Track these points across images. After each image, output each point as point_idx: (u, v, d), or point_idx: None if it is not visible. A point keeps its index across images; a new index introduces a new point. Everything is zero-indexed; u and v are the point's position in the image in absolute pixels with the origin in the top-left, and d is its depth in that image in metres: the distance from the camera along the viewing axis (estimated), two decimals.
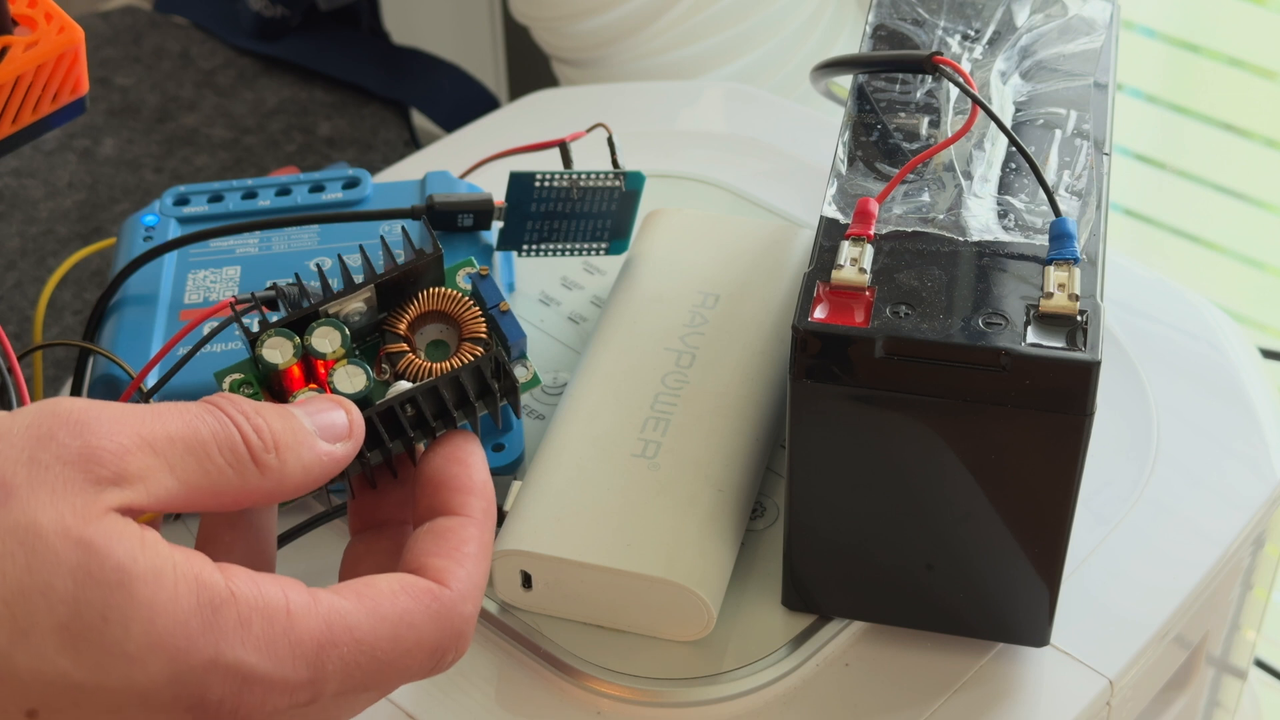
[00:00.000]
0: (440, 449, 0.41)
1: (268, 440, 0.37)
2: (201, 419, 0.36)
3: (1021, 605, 0.49)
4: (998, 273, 0.47)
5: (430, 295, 0.43)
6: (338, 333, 0.41)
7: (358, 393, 0.41)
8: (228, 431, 0.36)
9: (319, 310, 0.42)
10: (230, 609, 0.34)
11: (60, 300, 0.91)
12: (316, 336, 0.41)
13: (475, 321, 0.42)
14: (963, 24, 0.56)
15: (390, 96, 1.08)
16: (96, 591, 0.33)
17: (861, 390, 0.45)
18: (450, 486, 0.40)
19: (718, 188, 0.70)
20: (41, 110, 0.50)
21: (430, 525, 0.40)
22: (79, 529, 0.33)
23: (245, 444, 0.36)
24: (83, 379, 0.56)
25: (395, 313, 0.43)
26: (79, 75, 0.50)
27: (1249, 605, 0.64)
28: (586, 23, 0.92)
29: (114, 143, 1.03)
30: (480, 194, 0.58)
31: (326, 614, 0.35)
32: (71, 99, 0.51)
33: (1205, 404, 0.61)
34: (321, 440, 0.38)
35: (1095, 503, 0.56)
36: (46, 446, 0.33)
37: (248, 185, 0.60)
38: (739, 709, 0.50)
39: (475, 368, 0.42)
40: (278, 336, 0.41)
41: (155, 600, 0.33)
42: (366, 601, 0.36)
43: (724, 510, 0.51)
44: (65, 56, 0.49)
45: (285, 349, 0.41)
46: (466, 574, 0.38)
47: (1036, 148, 0.51)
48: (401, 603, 0.37)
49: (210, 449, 0.36)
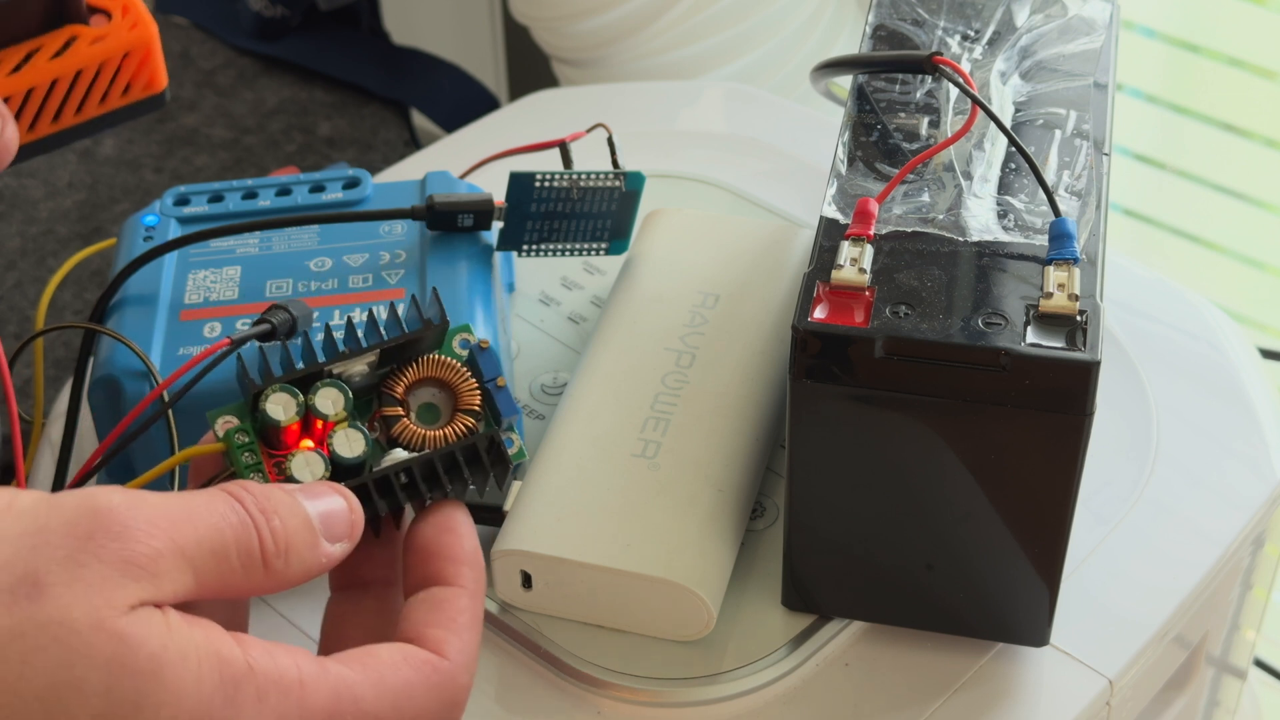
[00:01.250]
0: (431, 518, 0.42)
1: (281, 545, 0.38)
2: (227, 520, 0.37)
3: (1021, 605, 0.49)
4: (997, 273, 0.47)
5: (429, 362, 0.42)
6: (341, 395, 0.41)
7: (356, 457, 0.41)
8: (248, 536, 0.37)
9: (324, 370, 0.41)
10: (249, 684, 0.35)
11: (60, 300, 0.91)
12: (320, 397, 0.41)
13: (471, 394, 0.42)
14: (963, 24, 0.56)
15: (390, 96, 1.08)
16: (130, 681, 0.34)
17: (861, 390, 0.45)
18: (443, 556, 0.41)
19: (718, 188, 0.70)
20: (110, 103, 0.49)
21: (426, 595, 0.41)
22: (112, 622, 0.34)
23: (260, 549, 0.37)
24: (83, 378, 0.56)
25: (394, 376, 0.42)
26: (153, 71, 0.49)
27: (1249, 605, 0.64)
28: (586, 23, 0.92)
29: (114, 143, 1.03)
30: (480, 194, 0.58)
31: (335, 684, 0.37)
32: (145, 95, 0.50)
33: (1205, 404, 0.61)
34: (324, 539, 0.39)
35: (1095, 503, 0.56)
36: (86, 548, 0.34)
37: (248, 185, 0.60)
38: (739, 709, 0.50)
39: (471, 444, 0.42)
40: (282, 392, 0.41)
41: (182, 683, 0.35)
42: (371, 672, 0.38)
43: (724, 510, 0.52)
44: (135, 53, 0.48)
45: (289, 406, 0.41)
46: (462, 644, 0.40)
47: (1036, 148, 0.51)
48: (404, 674, 0.38)
49: (230, 553, 0.37)
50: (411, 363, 0.42)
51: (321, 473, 0.41)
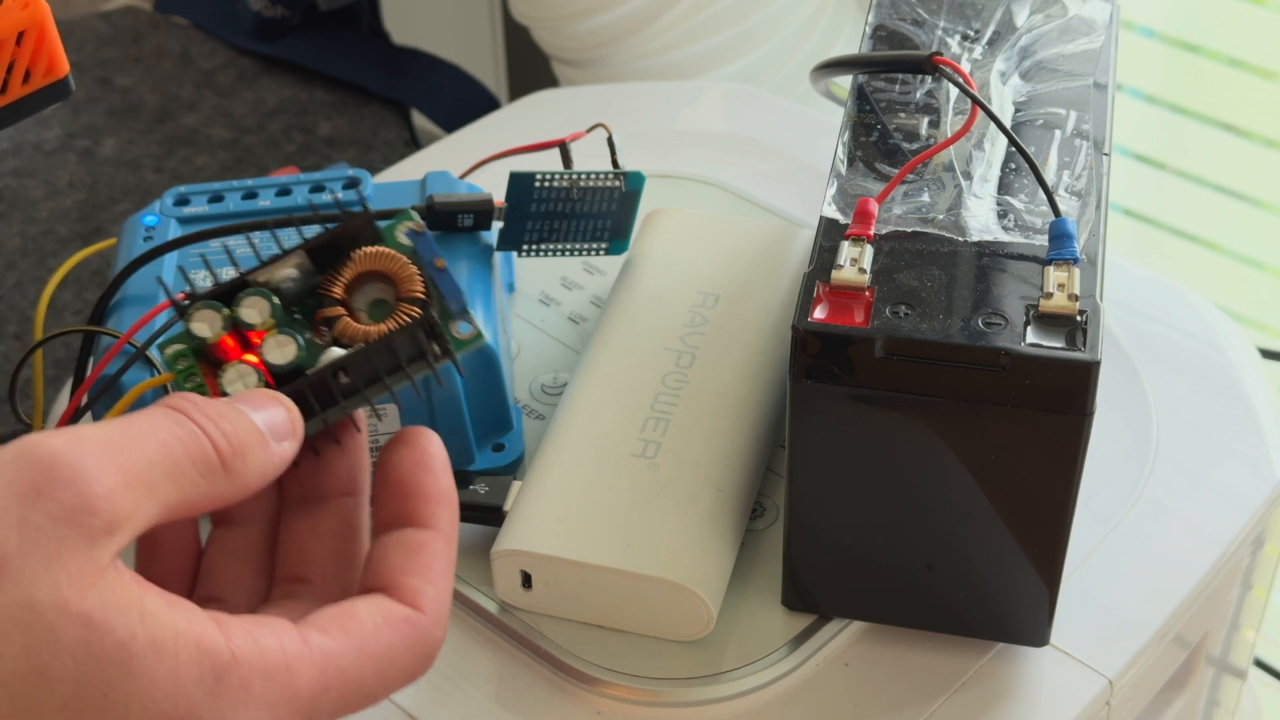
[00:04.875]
0: (405, 451, 0.41)
1: (235, 444, 0.37)
2: (173, 433, 0.36)
3: (1021, 605, 0.49)
4: (997, 273, 0.47)
5: (366, 255, 0.41)
6: (266, 302, 0.40)
7: (289, 363, 0.39)
8: (200, 444, 0.36)
9: (246, 279, 0.40)
10: (233, 674, 0.34)
11: (60, 300, 0.91)
12: (244, 307, 0.40)
13: (411, 281, 0.40)
14: (963, 24, 0.56)
15: (390, 96, 1.08)
16: (97, 670, 0.32)
17: (861, 390, 0.45)
18: (418, 495, 0.40)
19: (718, 188, 0.70)
20: (11, 93, 0.47)
21: (400, 538, 0.40)
22: (77, 602, 0.32)
23: (216, 452, 0.36)
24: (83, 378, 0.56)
25: (330, 275, 0.41)
26: (52, 53, 0.47)
27: (1249, 605, 0.64)
28: (586, 23, 0.92)
29: (114, 143, 1.03)
30: (480, 194, 0.58)
31: (319, 660, 0.36)
32: (47, 81, 0.47)
33: (1205, 404, 0.61)
34: (271, 440, 0.38)
35: (1095, 503, 0.56)
36: (37, 505, 0.33)
37: (248, 185, 0.60)
38: (739, 709, 0.50)
39: (408, 331, 0.40)
40: (206, 309, 0.40)
41: (155, 675, 0.33)
42: (353, 640, 0.37)
43: (724, 510, 0.52)
44: (29, 33, 0.46)
45: (214, 321, 0.40)
46: (437, 594, 0.39)
47: (1036, 148, 0.51)
48: (384, 637, 0.38)
49: (185, 465, 0.36)
50: (348, 259, 0.41)
51: (255, 383, 0.39)
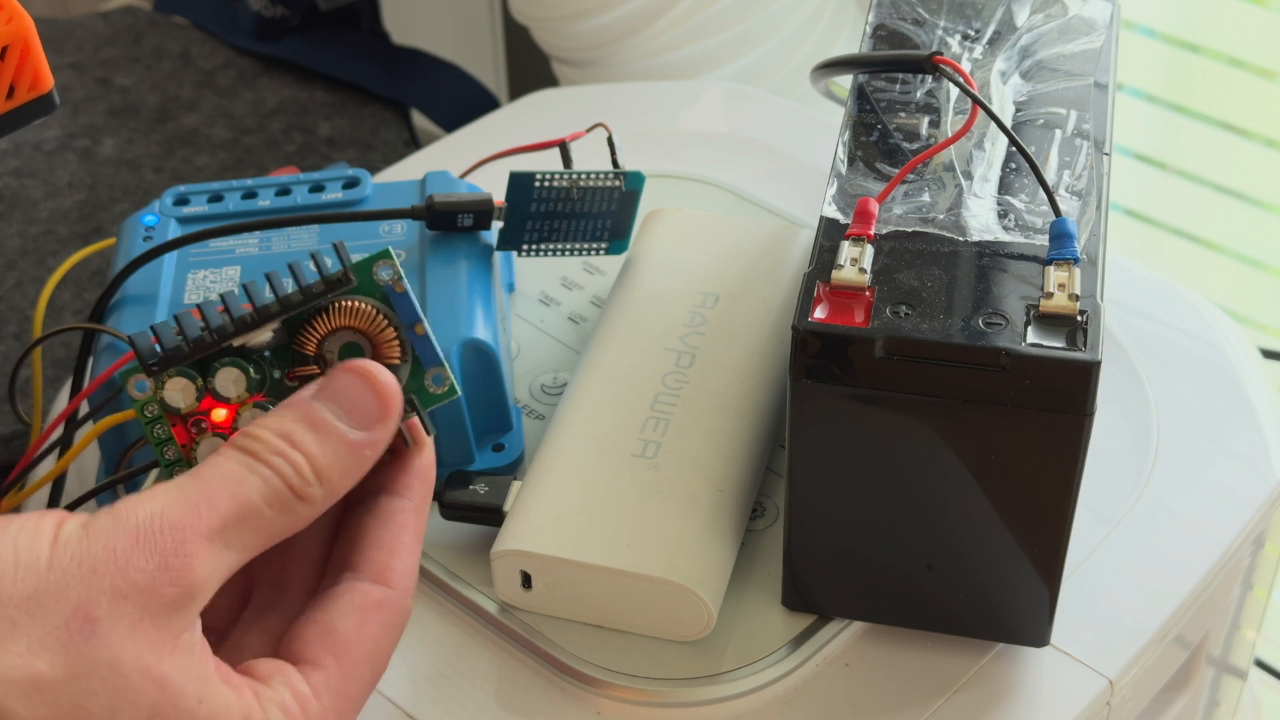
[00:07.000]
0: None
1: (308, 474, 0.38)
2: (247, 482, 0.37)
3: (1021, 605, 0.49)
4: (998, 273, 0.47)
5: (339, 311, 0.40)
6: (242, 374, 0.40)
7: None
8: (273, 485, 0.37)
9: (222, 345, 0.39)
10: None
11: (60, 300, 0.91)
12: (220, 379, 0.40)
13: (390, 346, 0.40)
14: (963, 24, 0.56)
15: (390, 96, 1.08)
16: None
17: (861, 390, 0.45)
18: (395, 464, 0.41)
19: (718, 188, 0.70)
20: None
21: (372, 505, 0.41)
22: (156, 666, 0.35)
23: (289, 488, 0.37)
24: (83, 377, 0.56)
25: (305, 331, 0.40)
26: (36, 68, 0.47)
27: (1249, 605, 0.64)
28: (586, 23, 0.92)
29: (114, 143, 1.03)
30: (480, 194, 0.58)
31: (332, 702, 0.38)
32: (31, 96, 0.47)
33: (1205, 404, 0.61)
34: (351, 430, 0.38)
35: (1095, 503, 0.56)
36: (127, 576, 0.35)
37: (248, 185, 0.60)
38: (739, 709, 0.50)
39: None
40: (179, 377, 0.39)
41: None
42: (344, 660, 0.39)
43: (724, 510, 0.52)
44: (13, 49, 0.46)
45: (188, 391, 0.40)
46: (405, 567, 0.40)
47: (1036, 148, 0.51)
48: (366, 636, 0.39)
49: (261, 509, 0.37)
50: (322, 315, 0.40)
51: None
